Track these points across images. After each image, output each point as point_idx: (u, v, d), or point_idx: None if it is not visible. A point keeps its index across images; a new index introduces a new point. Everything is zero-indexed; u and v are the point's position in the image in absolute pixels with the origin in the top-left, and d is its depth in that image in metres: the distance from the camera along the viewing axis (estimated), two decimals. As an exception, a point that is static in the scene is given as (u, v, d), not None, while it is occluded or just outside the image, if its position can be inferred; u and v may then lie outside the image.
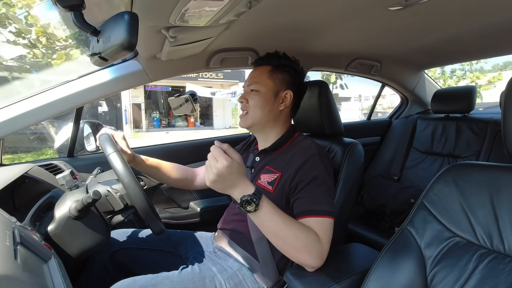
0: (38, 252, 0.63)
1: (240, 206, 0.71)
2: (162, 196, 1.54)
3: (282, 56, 1.03)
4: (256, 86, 0.99)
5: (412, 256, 0.72)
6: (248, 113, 1.00)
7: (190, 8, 0.70)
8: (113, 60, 0.70)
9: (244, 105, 1.01)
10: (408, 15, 1.01)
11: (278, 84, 1.00)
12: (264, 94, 0.99)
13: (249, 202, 0.70)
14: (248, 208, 0.70)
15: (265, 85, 0.99)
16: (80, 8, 0.58)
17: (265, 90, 0.99)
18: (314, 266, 0.78)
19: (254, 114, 0.99)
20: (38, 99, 1.10)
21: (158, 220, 0.84)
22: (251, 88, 1.00)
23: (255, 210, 0.71)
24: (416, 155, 1.90)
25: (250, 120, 1.00)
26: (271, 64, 1.02)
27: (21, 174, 0.92)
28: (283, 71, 1.01)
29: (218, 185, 0.70)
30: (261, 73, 1.01)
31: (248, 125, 1.01)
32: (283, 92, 1.00)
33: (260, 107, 0.98)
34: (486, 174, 0.69)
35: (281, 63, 1.02)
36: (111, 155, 0.83)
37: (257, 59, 1.07)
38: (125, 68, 1.20)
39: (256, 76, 1.02)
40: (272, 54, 1.04)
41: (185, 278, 0.88)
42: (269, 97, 0.99)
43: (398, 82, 2.08)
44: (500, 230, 0.63)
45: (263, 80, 1.00)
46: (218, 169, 0.67)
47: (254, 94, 0.99)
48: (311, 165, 0.89)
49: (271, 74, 1.00)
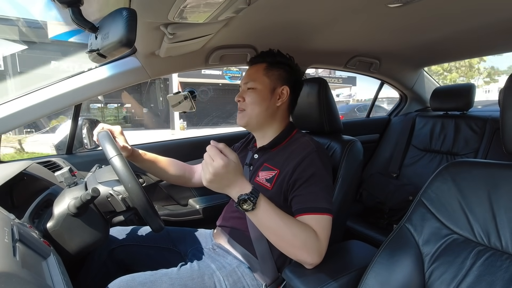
0: (37, 249, 0.63)
1: (237, 205, 0.71)
2: (161, 194, 1.54)
3: (277, 54, 1.04)
4: (252, 83, 1.00)
5: (410, 253, 0.72)
6: (245, 111, 1.00)
7: (189, 4, 0.70)
8: (111, 57, 0.70)
9: (241, 103, 1.01)
10: (407, 12, 1.01)
11: (274, 80, 1.00)
12: (260, 91, 0.99)
13: (246, 201, 0.70)
14: (245, 206, 0.70)
15: (261, 82, 0.99)
16: (78, 4, 0.57)
17: (262, 87, 0.99)
18: (312, 263, 0.78)
19: (252, 111, 0.99)
20: (36, 95, 1.10)
21: (157, 217, 0.84)
22: (247, 86, 1.00)
23: (252, 209, 0.71)
24: (415, 153, 1.90)
25: (247, 118, 1.00)
26: (266, 61, 1.02)
27: (20, 171, 0.92)
28: (278, 67, 1.01)
29: (215, 185, 0.70)
30: (257, 71, 1.01)
31: (245, 123, 1.01)
32: (279, 88, 1.01)
33: (257, 104, 0.98)
34: (484, 172, 0.69)
35: (276, 60, 1.02)
36: (113, 158, 0.82)
37: (252, 57, 1.07)
38: (124, 65, 1.20)
39: (252, 74, 1.02)
40: (267, 52, 1.04)
41: (184, 275, 0.89)
42: (265, 94, 0.99)
43: (397, 79, 2.08)
44: (497, 227, 0.64)
45: (259, 77, 1.00)
46: (214, 168, 0.67)
47: (250, 91, 1.00)
48: (310, 162, 0.89)
49: (266, 71, 1.00)
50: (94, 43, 0.66)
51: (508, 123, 0.64)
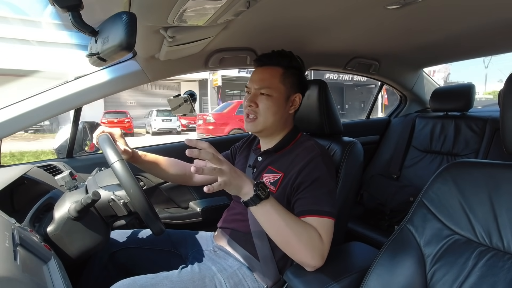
0: (38, 253, 0.63)
1: (256, 192, 0.70)
2: (161, 196, 1.54)
3: (292, 57, 0.99)
4: (268, 90, 0.94)
5: (412, 254, 0.72)
6: (257, 118, 0.95)
7: (188, 8, 0.70)
8: (111, 61, 0.70)
9: (253, 109, 0.95)
10: (406, 13, 1.01)
11: (289, 88, 0.97)
12: (276, 99, 0.94)
13: (262, 187, 0.70)
14: (263, 193, 0.70)
15: (277, 89, 0.95)
16: (78, 8, 0.58)
17: (278, 95, 0.95)
18: (314, 265, 0.78)
19: (266, 120, 0.95)
20: (36, 100, 1.10)
21: (158, 221, 0.84)
22: (261, 91, 0.95)
23: (267, 196, 0.71)
24: (415, 154, 1.90)
25: (261, 126, 0.96)
26: (281, 65, 0.97)
27: (20, 175, 0.92)
28: (293, 73, 0.98)
29: (233, 185, 0.68)
30: (273, 77, 0.96)
31: (259, 131, 0.98)
32: (293, 96, 0.98)
33: (273, 113, 0.94)
34: (484, 172, 0.69)
35: (291, 65, 0.98)
36: (115, 164, 0.82)
37: (263, 57, 1.00)
38: (124, 69, 1.20)
39: (268, 80, 0.95)
40: (280, 53, 0.99)
41: (185, 278, 0.88)
42: (281, 102, 0.96)
43: (397, 80, 2.08)
44: (499, 227, 0.63)
45: (275, 84, 0.95)
46: (226, 170, 0.66)
47: (265, 98, 0.94)
48: (314, 166, 0.88)
49: (283, 78, 0.96)
50: (94, 47, 0.67)
51: (508, 123, 0.64)
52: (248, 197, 0.71)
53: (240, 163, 1.12)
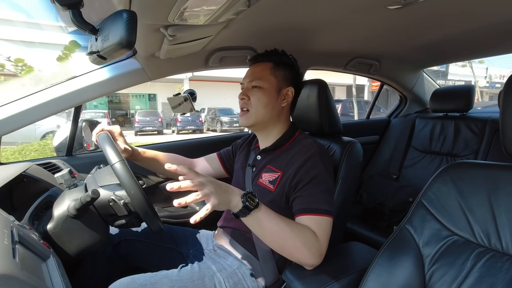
0: (37, 251, 0.63)
1: (244, 204, 0.70)
2: (161, 195, 1.54)
3: (282, 54, 1.02)
4: (259, 82, 0.97)
5: (411, 255, 0.72)
6: (249, 111, 0.98)
7: (189, 6, 0.70)
8: (111, 59, 0.70)
9: (245, 102, 0.98)
10: (406, 14, 1.01)
11: (281, 80, 0.99)
12: (267, 90, 0.97)
13: (251, 197, 0.70)
14: (251, 203, 0.70)
15: (268, 81, 0.97)
16: (78, 6, 0.57)
17: (268, 86, 0.97)
18: (312, 264, 0.78)
19: (257, 111, 0.97)
20: (36, 97, 1.10)
21: (157, 219, 0.83)
22: (253, 84, 0.98)
23: (257, 205, 0.71)
24: (415, 154, 1.90)
25: (253, 118, 0.98)
26: (272, 60, 1.00)
27: (20, 173, 0.92)
28: (284, 68, 1.00)
29: (222, 203, 0.68)
30: (263, 69, 0.99)
31: (251, 124, 0.99)
32: (285, 89, 1.00)
33: (264, 104, 0.96)
34: (484, 173, 0.69)
35: (282, 60, 1.01)
36: (116, 165, 0.81)
37: (257, 55, 1.04)
38: (124, 67, 1.20)
39: (258, 72, 0.99)
40: (272, 51, 1.03)
41: (184, 277, 0.89)
42: (272, 93, 0.97)
43: (397, 81, 2.08)
44: (497, 228, 0.64)
45: (265, 76, 0.98)
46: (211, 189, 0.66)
47: (256, 90, 0.97)
48: (312, 164, 0.89)
49: (273, 71, 0.98)
50: (94, 45, 0.66)
51: (507, 124, 0.64)
52: (237, 209, 0.70)
53: (240, 161, 1.12)
